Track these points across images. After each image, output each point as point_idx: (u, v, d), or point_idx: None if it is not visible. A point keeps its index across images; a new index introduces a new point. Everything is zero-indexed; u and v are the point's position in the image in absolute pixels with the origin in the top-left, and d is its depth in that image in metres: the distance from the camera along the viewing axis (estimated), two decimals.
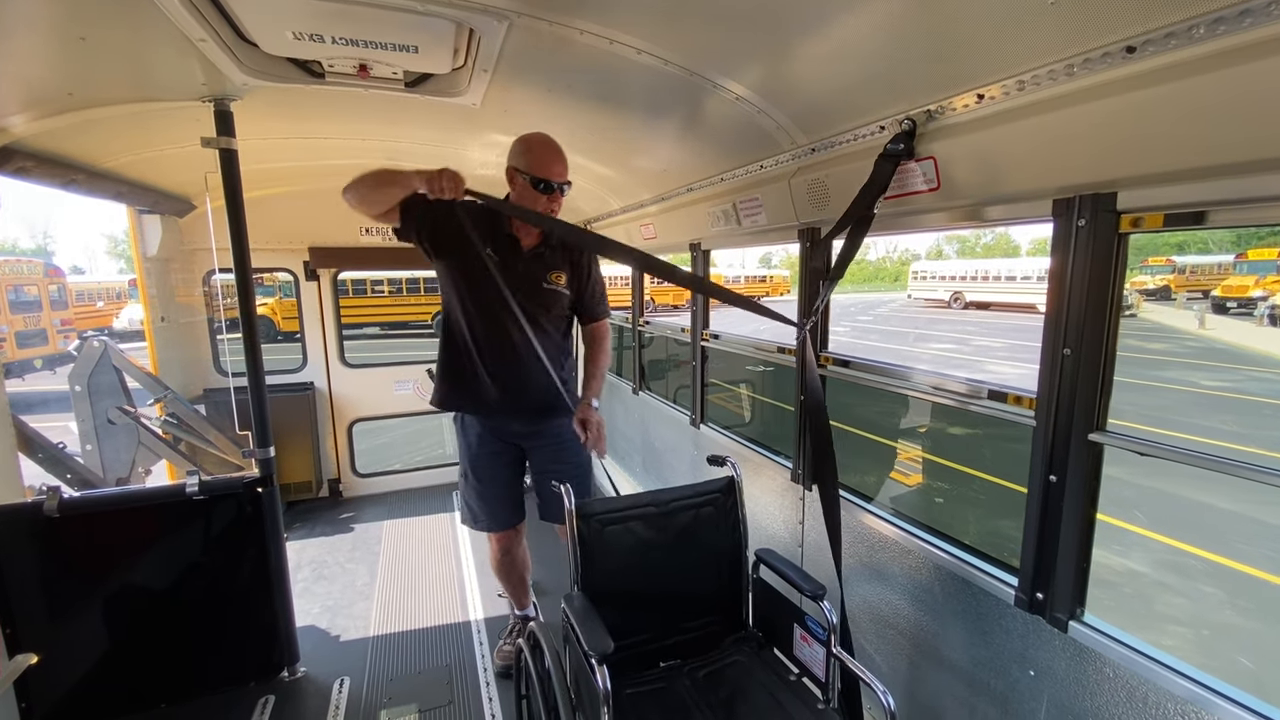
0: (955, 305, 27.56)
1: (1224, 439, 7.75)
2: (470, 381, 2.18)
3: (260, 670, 2.56)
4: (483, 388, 2.17)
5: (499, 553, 2.46)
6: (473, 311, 2.13)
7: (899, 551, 1.87)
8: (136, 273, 3.55)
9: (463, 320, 2.15)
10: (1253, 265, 20.94)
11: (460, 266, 2.09)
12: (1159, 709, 1.22)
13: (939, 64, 1.36)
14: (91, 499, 2.31)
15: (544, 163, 2.04)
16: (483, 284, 2.06)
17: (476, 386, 2.18)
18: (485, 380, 2.16)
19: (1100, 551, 4.81)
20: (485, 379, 2.16)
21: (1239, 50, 0.94)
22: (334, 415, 4.47)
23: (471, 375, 2.17)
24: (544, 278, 2.17)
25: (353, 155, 3.34)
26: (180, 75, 1.95)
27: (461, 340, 2.17)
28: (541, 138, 2.08)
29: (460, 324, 2.16)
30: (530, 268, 2.14)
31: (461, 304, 2.13)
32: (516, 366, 2.14)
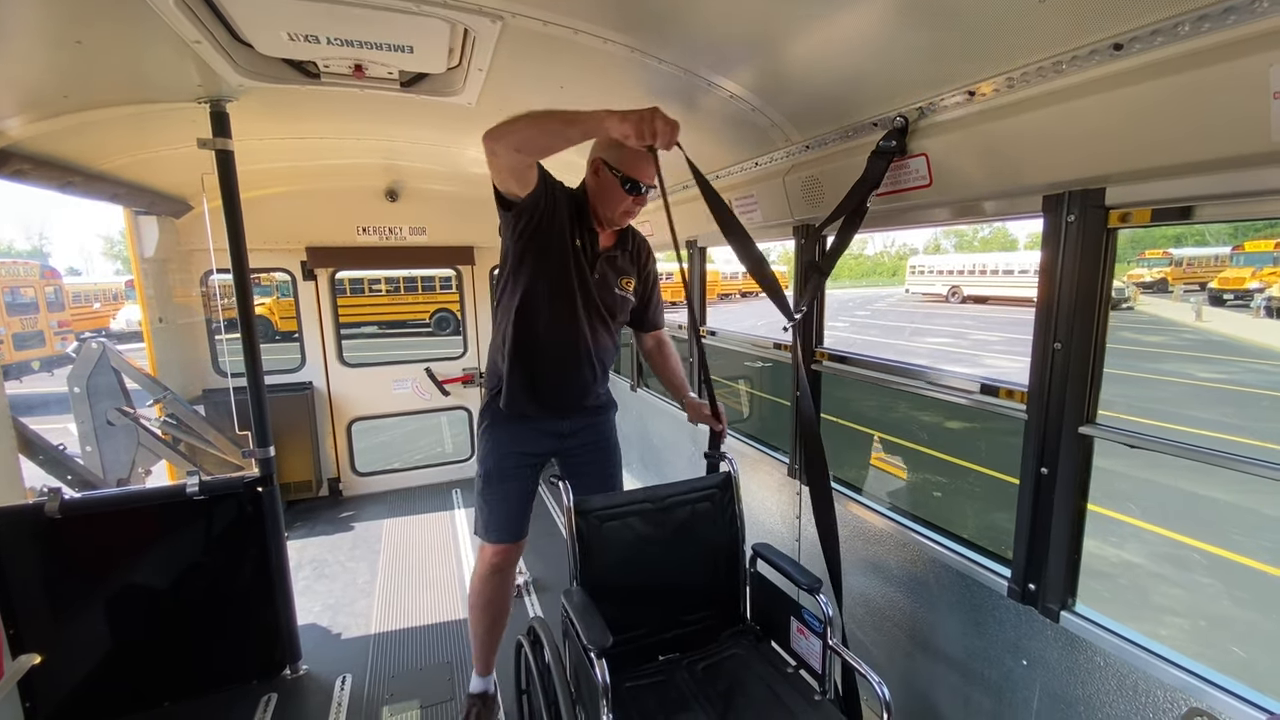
0: (953, 299, 27.59)
1: (1221, 431, 7.78)
2: (537, 380, 1.96)
3: (262, 668, 2.57)
4: (545, 388, 1.98)
5: (492, 568, 2.14)
6: (549, 306, 1.89)
7: (894, 545, 1.89)
8: (134, 274, 3.55)
9: (540, 313, 1.89)
10: (1249, 257, 20.98)
11: (552, 255, 1.85)
12: (1149, 696, 1.24)
13: (931, 62, 1.37)
14: (92, 500, 2.33)
15: (638, 162, 1.80)
16: (565, 278, 1.87)
17: (541, 386, 1.97)
18: (549, 380, 1.97)
19: (1097, 544, 4.85)
20: (549, 378, 1.97)
21: (1223, 47, 0.96)
22: (333, 414, 4.48)
23: (539, 374, 1.96)
24: (616, 282, 2.01)
25: (349, 155, 3.35)
26: (176, 77, 1.95)
27: (532, 335, 1.91)
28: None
29: (533, 318, 1.90)
30: (604, 270, 1.96)
31: (539, 296, 1.87)
32: (580, 368, 1.99)
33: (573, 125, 1.51)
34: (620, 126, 1.45)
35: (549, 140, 1.56)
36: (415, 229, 4.36)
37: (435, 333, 19.26)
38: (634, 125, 1.44)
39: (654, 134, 1.45)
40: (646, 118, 1.44)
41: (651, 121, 1.44)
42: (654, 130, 1.45)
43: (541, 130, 1.53)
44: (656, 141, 1.46)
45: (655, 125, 1.44)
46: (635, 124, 1.44)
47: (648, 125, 1.44)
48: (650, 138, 1.45)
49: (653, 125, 1.44)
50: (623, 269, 2.02)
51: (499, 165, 1.63)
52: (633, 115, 1.45)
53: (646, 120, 1.44)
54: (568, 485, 1.81)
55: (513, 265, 1.86)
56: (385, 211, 4.26)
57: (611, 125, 1.46)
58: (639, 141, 1.46)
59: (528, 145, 1.57)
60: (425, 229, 4.38)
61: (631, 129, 1.45)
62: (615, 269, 2.00)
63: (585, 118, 1.49)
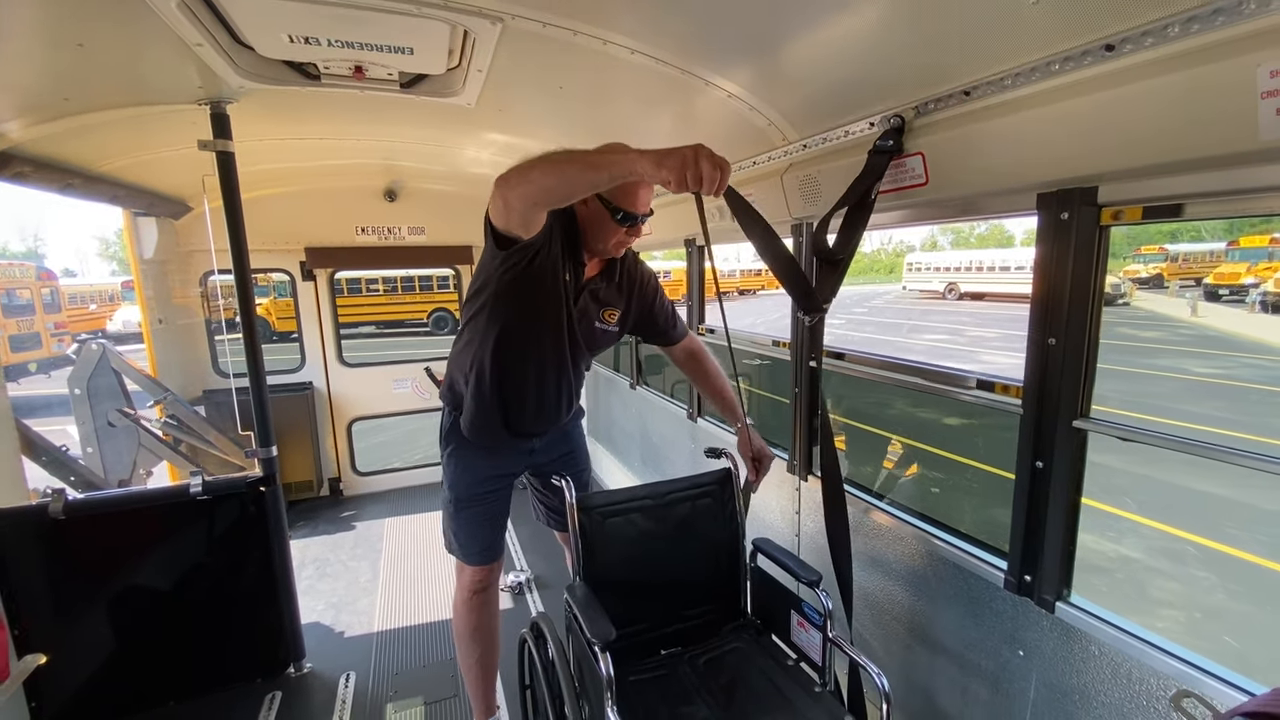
0: (950, 296, 27.66)
1: (1216, 425, 7.83)
2: (509, 414, 1.85)
3: (267, 667, 2.59)
4: (515, 421, 1.87)
5: (474, 590, 2.02)
6: (528, 343, 1.76)
7: (892, 538, 1.92)
8: (133, 275, 3.56)
9: (517, 349, 1.76)
10: (1244, 252, 21.09)
11: (540, 291, 1.68)
12: (1142, 684, 1.26)
13: (926, 61, 1.39)
14: (96, 501, 2.34)
15: (631, 190, 1.60)
16: (549, 315, 1.73)
17: (512, 418, 1.86)
18: (522, 413, 1.86)
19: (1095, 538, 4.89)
20: (522, 412, 1.86)
21: (1211, 48, 0.98)
22: (333, 414, 4.50)
23: (511, 408, 1.84)
24: (598, 314, 1.84)
25: (348, 156, 3.36)
26: (176, 79, 1.96)
27: (508, 370, 1.78)
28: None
29: (510, 353, 1.76)
30: (586, 303, 1.80)
31: (519, 331, 1.73)
32: (555, 400, 1.89)
33: (598, 170, 1.27)
34: (657, 172, 1.18)
35: (570, 191, 1.36)
36: (414, 229, 4.37)
37: (433, 332, 19.26)
38: (675, 170, 1.17)
39: (699, 179, 1.16)
40: (690, 159, 1.16)
41: (696, 164, 1.15)
42: (699, 175, 1.16)
43: (561, 179, 1.32)
44: (703, 188, 1.18)
45: (701, 169, 1.16)
46: (677, 168, 1.16)
47: (691, 169, 1.16)
48: (695, 184, 1.17)
49: (697, 169, 1.16)
50: (607, 301, 1.86)
51: (510, 215, 1.44)
52: (673, 157, 1.17)
53: (690, 162, 1.16)
54: (569, 482, 1.82)
55: (493, 295, 1.67)
56: (384, 212, 4.27)
57: (646, 169, 1.20)
58: (680, 189, 1.20)
59: (546, 198, 1.38)
60: (424, 229, 4.39)
61: (672, 174, 1.17)
62: (598, 301, 1.84)
63: (612, 162, 1.24)
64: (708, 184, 1.18)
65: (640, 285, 1.94)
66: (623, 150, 1.25)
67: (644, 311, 1.98)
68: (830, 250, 1.58)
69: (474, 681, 2.14)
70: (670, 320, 2.03)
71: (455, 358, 1.88)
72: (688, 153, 1.16)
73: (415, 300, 20.11)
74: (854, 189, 1.58)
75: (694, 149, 1.17)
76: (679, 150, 1.17)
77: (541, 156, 1.33)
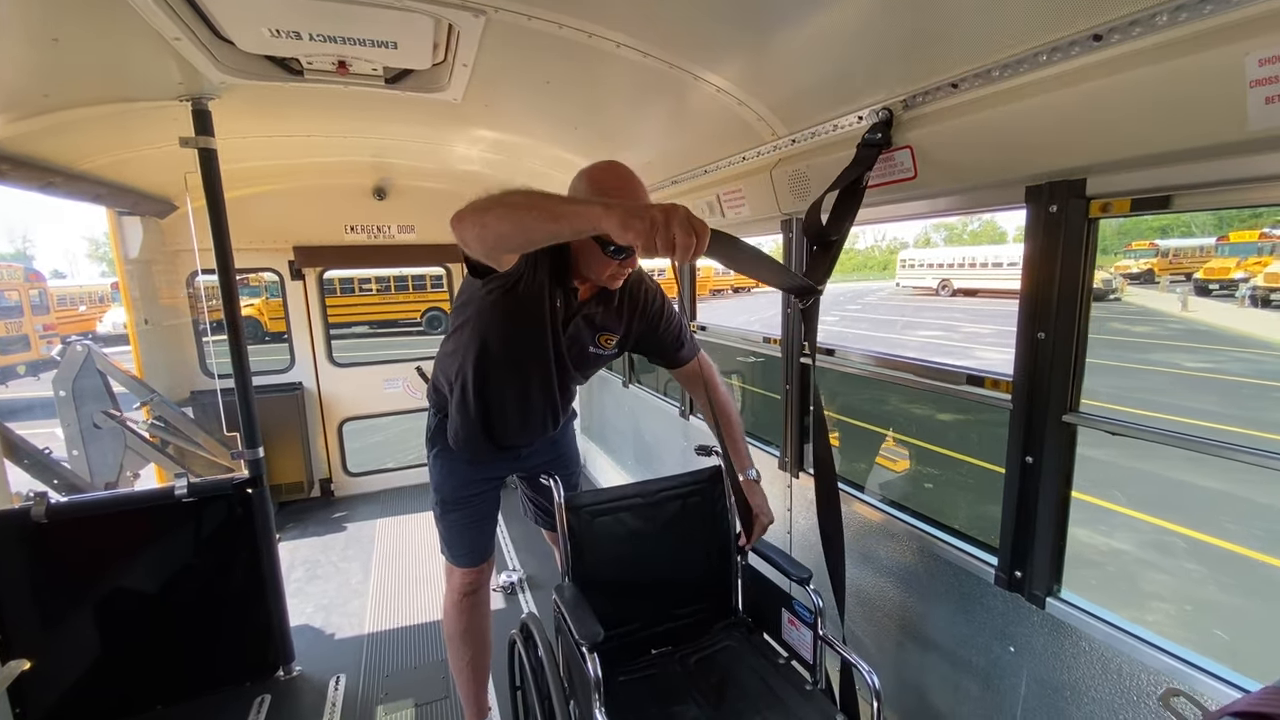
0: (943, 292, 27.75)
1: (1207, 419, 7.88)
2: (493, 430, 1.81)
3: (255, 670, 2.57)
4: (500, 435, 1.83)
5: (464, 591, 1.99)
6: (512, 367, 1.70)
7: (884, 535, 1.91)
8: (118, 275, 3.52)
9: (499, 370, 1.71)
10: (1234, 247, 21.22)
11: (522, 316, 1.60)
12: (1132, 680, 1.26)
13: (914, 54, 1.38)
14: (79, 504, 2.30)
15: None
16: (534, 341, 1.65)
17: (495, 434, 1.82)
18: (507, 430, 1.83)
19: (1086, 531, 4.90)
20: (507, 428, 1.82)
21: (1199, 37, 0.97)
22: (324, 415, 4.46)
23: (495, 424, 1.80)
24: (593, 339, 1.75)
25: (335, 153, 3.33)
26: (156, 75, 1.93)
27: (489, 389, 1.74)
28: (620, 178, 1.51)
29: (492, 373, 1.71)
30: (579, 328, 1.71)
31: (501, 356, 1.67)
32: (541, 419, 1.85)
33: (557, 221, 1.13)
34: (622, 233, 1.03)
35: (527, 240, 1.25)
36: (404, 227, 4.34)
37: (427, 331, 19.18)
38: (641, 233, 1.01)
39: (670, 245, 1.01)
40: (660, 222, 1.00)
41: (667, 228, 1.00)
42: (670, 241, 1.01)
43: (517, 227, 1.19)
44: (674, 256, 1.02)
45: (672, 234, 1.00)
46: (644, 232, 1.01)
47: (662, 234, 1.00)
48: (666, 250, 1.02)
49: (668, 234, 1.00)
50: (604, 325, 1.75)
51: (473, 251, 1.35)
52: (641, 220, 1.02)
53: (660, 226, 1.00)
54: (558, 481, 1.81)
55: (476, 313, 1.61)
56: (373, 210, 4.24)
57: (610, 227, 1.04)
58: (648, 255, 1.06)
59: (501, 244, 1.28)
60: (414, 227, 4.36)
61: (639, 238, 1.01)
62: (593, 326, 1.74)
63: (575, 213, 1.12)
64: (680, 252, 1.01)
65: (643, 307, 1.80)
66: (588, 202, 1.14)
67: (646, 333, 1.85)
68: (824, 230, 1.55)
69: (465, 683, 2.13)
70: (676, 342, 1.88)
71: (441, 362, 1.83)
72: (658, 215, 1.01)
73: (408, 299, 20.03)
74: (845, 175, 1.56)
75: (667, 211, 1.01)
76: (650, 210, 1.02)
77: (501, 196, 1.20)
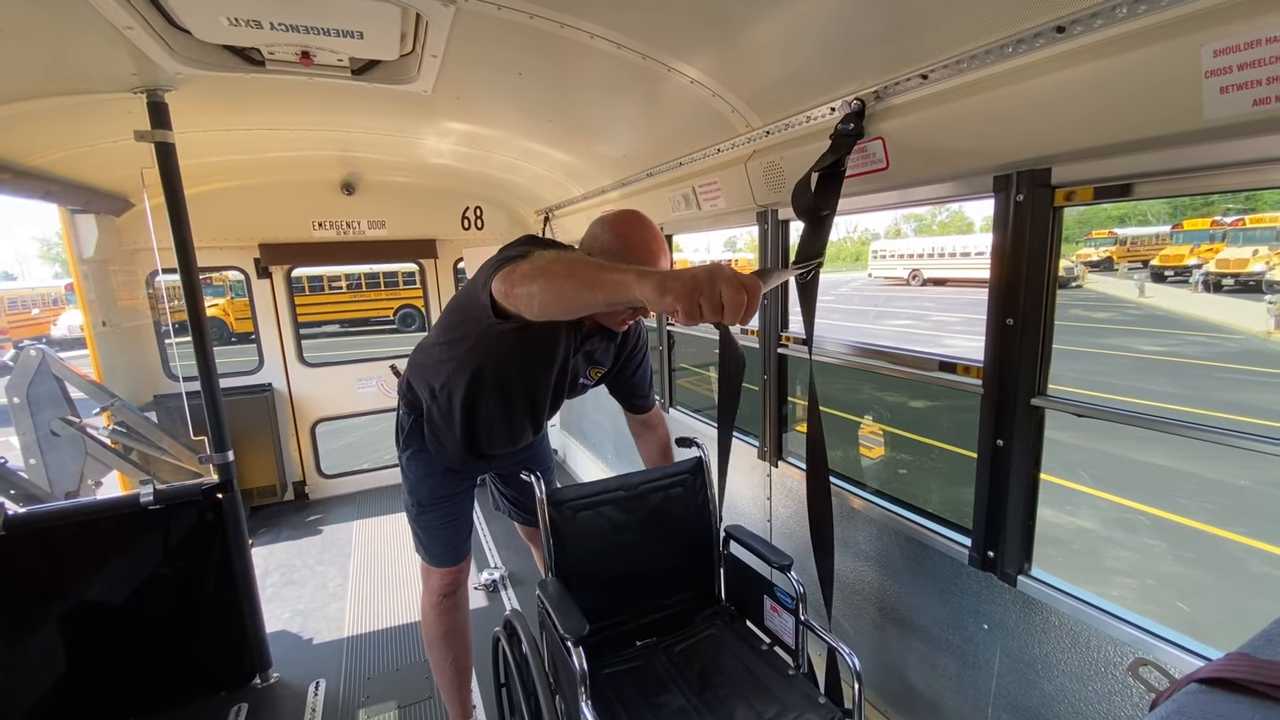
0: (914, 282, 28.28)
1: (1162, 400, 8.21)
2: (477, 446, 1.82)
3: (231, 679, 2.51)
4: (483, 449, 1.84)
5: (443, 593, 1.97)
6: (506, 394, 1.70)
7: (862, 521, 1.94)
8: (73, 276, 3.37)
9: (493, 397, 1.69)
10: (1188, 235, 22.05)
11: (530, 353, 1.60)
12: (1100, 651, 1.31)
13: (885, 46, 1.39)
14: (39, 514, 2.21)
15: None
16: (534, 374, 1.66)
17: (479, 448, 1.83)
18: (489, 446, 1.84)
19: (1053, 512, 5.06)
20: (490, 445, 1.83)
21: (1158, 28, 1.00)
22: (295, 416, 4.36)
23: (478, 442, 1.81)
24: (584, 372, 1.79)
25: (300, 147, 3.24)
26: (108, 65, 1.85)
27: (478, 411, 1.72)
28: (644, 233, 1.48)
29: (484, 399, 1.69)
30: (577, 363, 1.73)
31: (497, 384, 1.66)
32: (524, 436, 1.89)
33: (594, 292, 1.04)
34: (660, 299, 0.91)
35: (569, 309, 1.17)
36: (374, 223, 4.25)
37: (400, 330, 18.86)
38: (682, 296, 0.88)
39: (717, 308, 0.88)
40: (704, 286, 0.88)
41: (712, 292, 0.87)
42: (716, 305, 0.88)
43: (559, 298, 1.14)
44: (724, 318, 0.89)
45: (718, 293, 0.87)
46: (685, 295, 0.88)
47: (708, 298, 0.87)
48: (713, 314, 0.88)
49: (714, 293, 0.87)
50: (599, 360, 1.81)
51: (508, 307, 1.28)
52: (682, 283, 0.89)
53: (705, 289, 0.87)
54: (540, 478, 1.80)
55: (478, 337, 1.53)
56: (342, 205, 4.14)
57: (647, 295, 0.93)
58: (691, 320, 0.91)
59: (545, 313, 1.21)
60: (384, 222, 4.27)
61: (680, 301, 0.89)
62: (590, 360, 1.78)
63: (613, 283, 1.00)
64: (730, 312, 0.87)
65: (633, 349, 1.87)
66: (625, 269, 1.02)
67: (626, 375, 1.92)
68: (814, 206, 1.56)
69: (448, 685, 2.10)
70: (644, 390, 1.98)
71: (424, 367, 1.77)
72: (701, 276, 0.88)
73: (380, 297, 19.65)
74: (825, 158, 1.56)
75: (710, 271, 0.89)
76: (689, 274, 0.89)
77: (544, 265, 1.16)
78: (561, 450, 5.19)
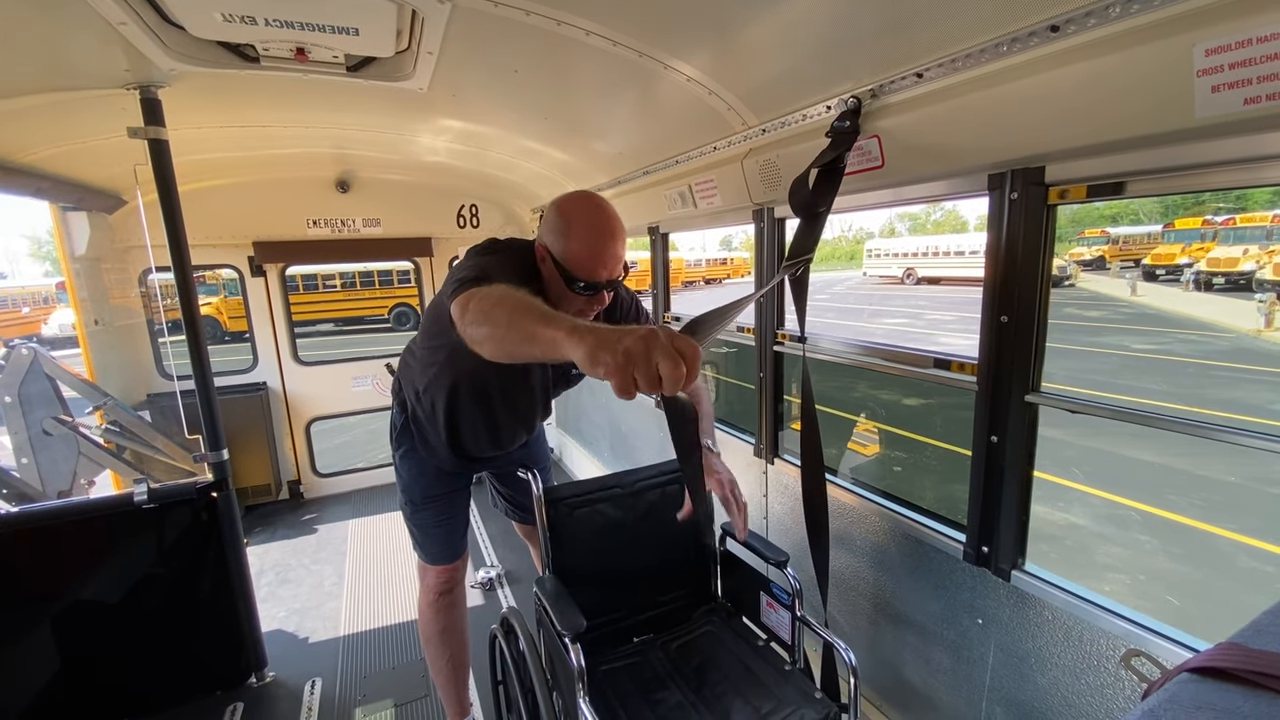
0: (908, 281, 28.35)
1: (1154, 398, 8.27)
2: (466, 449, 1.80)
3: (226, 678, 2.50)
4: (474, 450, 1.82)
5: (440, 590, 1.96)
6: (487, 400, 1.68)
7: (856, 517, 1.96)
8: (64, 275, 3.35)
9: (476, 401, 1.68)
10: (1179, 234, 22.17)
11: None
12: (1092, 645, 1.32)
13: (880, 44, 1.40)
14: (31, 514, 2.20)
15: (589, 258, 1.37)
16: (513, 379, 1.64)
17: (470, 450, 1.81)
18: (480, 448, 1.82)
19: (1046, 509, 5.09)
20: (480, 447, 1.81)
21: (1151, 27, 1.01)
22: (290, 415, 4.34)
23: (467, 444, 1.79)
24: (572, 369, 1.70)
25: (295, 144, 3.22)
26: (101, 61, 1.84)
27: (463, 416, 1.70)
28: (588, 212, 1.39)
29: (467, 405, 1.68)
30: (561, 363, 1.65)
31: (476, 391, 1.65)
32: (515, 438, 1.87)
33: (532, 344, 0.97)
34: (590, 368, 0.82)
35: (511, 358, 1.09)
36: (369, 220, 4.23)
37: (395, 328, 18.80)
38: (614, 374, 0.79)
39: (654, 385, 0.78)
40: (637, 355, 0.78)
41: (648, 367, 0.77)
42: (653, 380, 0.78)
43: (500, 348, 1.08)
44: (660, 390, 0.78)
45: (655, 368, 0.77)
46: (617, 372, 0.78)
47: (641, 369, 0.78)
48: (650, 389, 0.78)
49: (650, 368, 0.77)
50: None
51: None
52: (613, 351, 0.79)
53: (638, 360, 0.78)
54: (536, 475, 1.80)
55: (451, 349, 1.49)
56: (337, 203, 4.12)
57: (577, 358, 0.84)
58: (625, 394, 0.80)
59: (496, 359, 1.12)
60: (379, 220, 4.25)
61: (613, 376, 0.79)
62: None
63: (545, 341, 0.92)
64: (669, 385, 0.78)
65: (620, 317, 1.73)
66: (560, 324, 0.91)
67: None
68: (811, 202, 1.56)
69: (446, 683, 2.10)
70: None
71: (410, 368, 1.76)
72: (634, 346, 0.78)
73: (375, 295, 19.57)
74: (825, 154, 1.56)
75: (646, 340, 0.78)
76: (622, 341, 0.79)
77: (491, 311, 1.09)
78: (558, 448, 5.19)
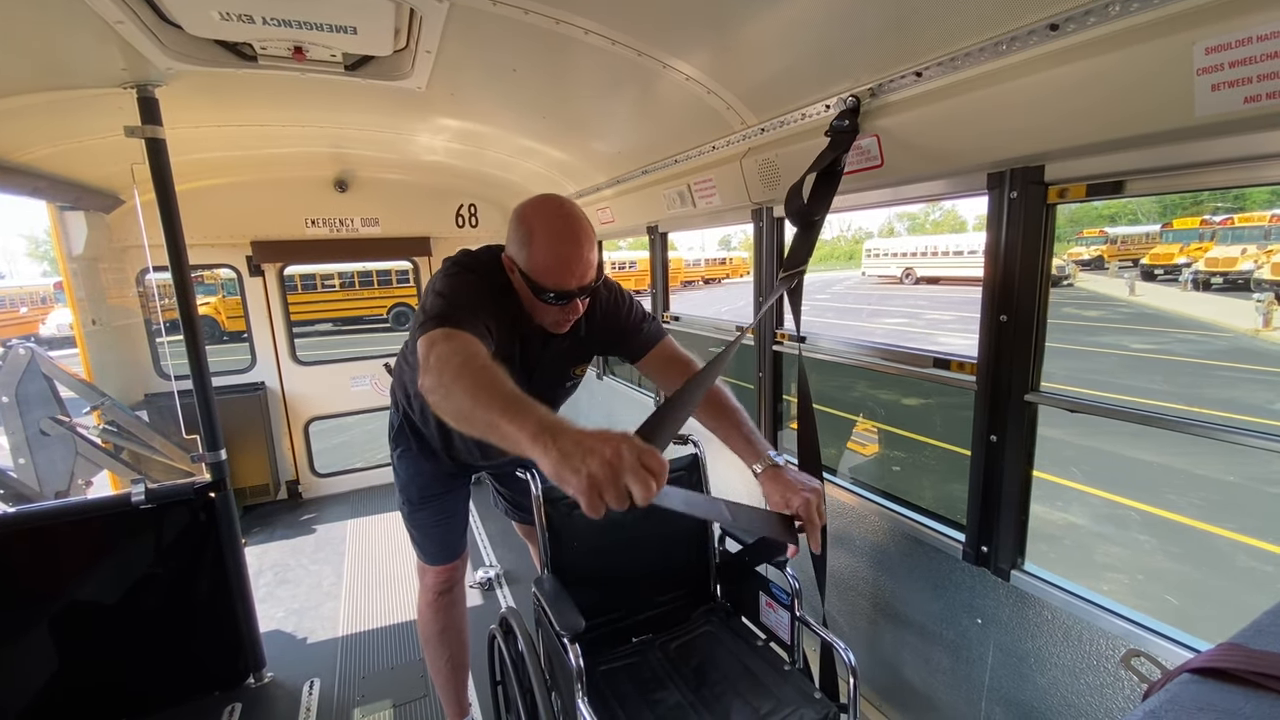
0: (907, 281, 28.36)
1: (1152, 397, 8.28)
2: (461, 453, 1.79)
3: (224, 679, 2.49)
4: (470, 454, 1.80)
5: (439, 590, 1.95)
6: None
7: (855, 517, 1.95)
8: (62, 274, 3.34)
9: None
10: (1177, 234, 22.18)
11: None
12: (1091, 644, 1.32)
13: (880, 43, 1.40)
14: (28, 514, 2.19)
15: (555, 267, 1.30)
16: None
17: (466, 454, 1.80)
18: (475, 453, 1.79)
19: (1043, 507, 5.09)
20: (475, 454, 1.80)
21: (1150, 26, 1.00)
22: (288, 415, 4.34)
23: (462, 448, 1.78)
24: (567, 372, 1.70)
25: (293, 143, 3.22)
26: (98, 60, 1.83)
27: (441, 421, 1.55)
28: (550, 218, 1.31)
29: None
30: (557, 363, 1.63)
31: None
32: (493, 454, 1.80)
33: (492, 434, 0.89)
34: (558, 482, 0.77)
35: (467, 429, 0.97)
36: (367, 220, 4.23)
37: (394, 328, 18.78)
38: (583, 494, 0.75)
39: (624, 502, 0.75)
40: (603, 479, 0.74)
41: (616, 482, 0.74)
42: (623, 498, 0.75)
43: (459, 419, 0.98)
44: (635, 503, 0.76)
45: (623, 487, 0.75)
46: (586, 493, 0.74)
47: (610, 490, 0.74)
48: (619, 506, 0.75)
49: (618, 488, 0.75)
50: (577, 358, 1.66)
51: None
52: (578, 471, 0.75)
53: (605, 483, 0.74)
54: (535, 475, 1.79)
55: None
56: (335, 202, 4.11)
57: (544, 468, 0.79)
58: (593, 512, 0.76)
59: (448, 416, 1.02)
60: (378, 220, 4.25)
61: (578, 495, 0.75)
62: (569, 359, 1.64)
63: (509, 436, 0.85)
64: (639, 497, 0.75)
65: (605, 312, 1.60)
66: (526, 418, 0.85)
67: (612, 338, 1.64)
68: (806, 210, 1.56)
69: (444, 683, 2.09)
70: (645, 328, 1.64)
71: (403, 369, 1.75)
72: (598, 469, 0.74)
73: (373, 295, 19.55)
74: (823, 157, 1.55)
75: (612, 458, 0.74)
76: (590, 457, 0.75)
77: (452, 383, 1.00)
78: None
